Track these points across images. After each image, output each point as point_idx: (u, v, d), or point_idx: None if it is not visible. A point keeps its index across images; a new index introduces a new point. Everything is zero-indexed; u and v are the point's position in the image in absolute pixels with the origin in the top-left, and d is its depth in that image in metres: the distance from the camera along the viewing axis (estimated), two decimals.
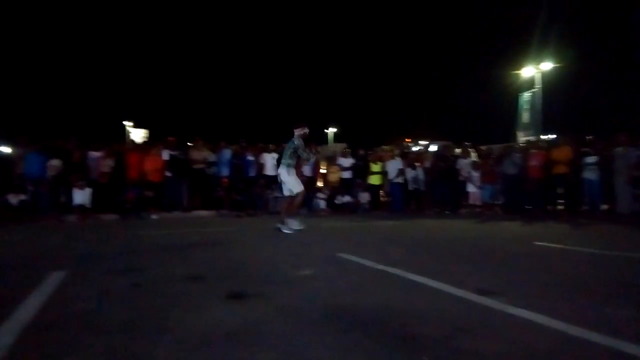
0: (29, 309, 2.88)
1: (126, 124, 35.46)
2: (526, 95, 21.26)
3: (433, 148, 18.03)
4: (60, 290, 3.42)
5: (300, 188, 7.28)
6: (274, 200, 12.70)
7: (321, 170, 14.08)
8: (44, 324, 2.61)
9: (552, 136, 17.36)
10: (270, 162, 12.82)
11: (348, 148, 15.34)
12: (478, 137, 18.36)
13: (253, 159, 12.90)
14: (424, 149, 17.79)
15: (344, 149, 15.13)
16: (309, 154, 7.65)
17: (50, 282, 3.64)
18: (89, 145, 12.05)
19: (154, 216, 11.20)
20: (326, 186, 13.71)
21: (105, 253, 5.53)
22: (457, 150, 14.17)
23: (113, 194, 11.38)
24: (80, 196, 10.83)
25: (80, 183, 10.84)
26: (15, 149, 11.30)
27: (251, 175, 12.74)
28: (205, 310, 2.86)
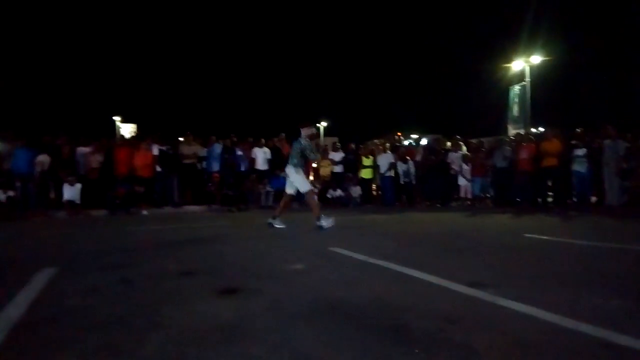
0: (18, 306, 2.85)
1: (115, 118, 35.16)
2: (516, 88, 21.36)
3: (424, 141, 18.09)
4: (50, 287, 3.39)
5: (308, 187, 7.20)
6: (265, 195, 12.69)
7: (313, 165, 14.07)
8: (34, 321, 2.58)
9: (542, 129, 17.49)
10: (261, 157, 12.80)
11: (339, 142, 15.34)
12: (468, 131, 18.46)
13: (244, 154, 12.87)
14: (415, 143, 17.82)
15: (334, 143, 15.14)
16: (316, 154, 7.54)
17: (40, 279, 3.60)
18: (77, 141, 11.95)
19: (145, 212, 11.13)
20: (317, 180, 13.71)
21: (95, 249, 5.49)
22: (448, 143, 14.23)
23: (103, 189, 11.29)
24: (70, 192, 10.74)
25: (70, 179, 10.74)
26: (2, 144, 11.16)
27: (242, 169, 12.71)
28: (197, 305, 2.85)
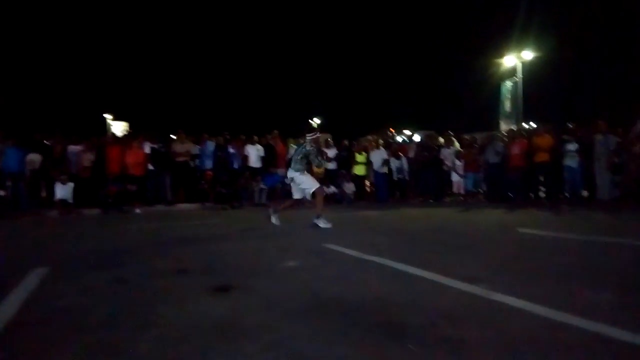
0: (10, 306, 2.83)
1: (107, 116, 34.87)
2: (508, 84, 21.43)
3: (417, 138, 18.12)
4: (42, 287, 3.36)
5: (316, 185, 7.08)
6: (258, 193, 12.67)
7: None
8: (26, 321, 2.57)
9: (534, 125, 17.57)
10: (254, 154, 12.76)
11: (332, 139, 15.31)
12: (461, 127, 18.49)
13: (237, 151, 12.82)
14: (408, 139, 17.86)
15: (327, 140, 15.11)
16: (320, 161, 7.37)
17: (32, 279, 3.58)
18: (69, 139, 11.86)
19: (137, 210, 11.08)
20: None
21: (87, 248, 5.45)
22: (441, 139, 14.25)
23: (95, 188, 11.22)
24: (62, 191, 10.66)
25: (61, 177, 10.66)
26: None
27: (235, 167, 12.67)
28: (190, 303, 2.84)
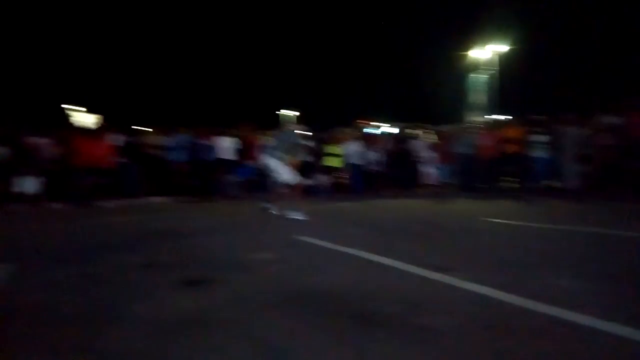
0: None
1: (77, 108, 33.97)
2: (478, 76, 21.79)
3: (391, 130, 18.27)
4: (8, 283, 3.27)
5: (291, 176, 7.08)
6: (232, 185, 12.57)
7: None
8: None
9: (504, 116, 17.92)
10: (227, 146, 12.63)
11: (307, 131, 15.28)
12: (434, 118, 18.68)
13: (210, 143, 12.66)
14: (382, 131, 17.99)
15: (303, 131, 15.07)
16: (304, 154, 7.53)
17: None
18: (38, 132, 11.51)
19: (108, 204, 10.85)
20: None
21: (56, 243, 5.32)
22: (414, 131, 14.40)
23: (64, 181, 10.94)
24: (30, 184, 10.35)
25: (30, 171, 10.35)
26: None
27: (208, 159, 12.51)
28: (160, 298, 2.81)
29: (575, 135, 10.56)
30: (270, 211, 7.10)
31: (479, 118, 18.14)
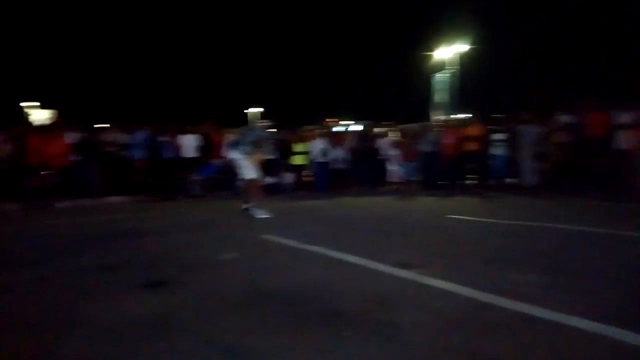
0: None
1: (27, 104, 32.50)
2: (440, 75, 22.19)
3: (355, 128, 18.36)
4: None
5: (253, 175, 6.95)
6: (194, 184, 12.33)
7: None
8: None
9: (465, 115, 18.32)
10: (189, 144, 12.36)
11: (273, 127, 15.17)
12: (397, 117, 18.92)
13: (170, 141, 12.35)
14: (346, 129, 18.08)
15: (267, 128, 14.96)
16: (270, 148, 7.47)
17: None
18: None
19: (60, 204, 10.42)
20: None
21: (6, 245, 5.07)
22: (378, 129, 14.54)
23: (13, 180, 10.44)
24: None
25: None
26: None
27: (168, 157, 12.21)
28: (119, 301, 2.70)
29: (533, 134, 10.91)
30: (251, 212, 6.84)
31: (442, 116, 18.48)
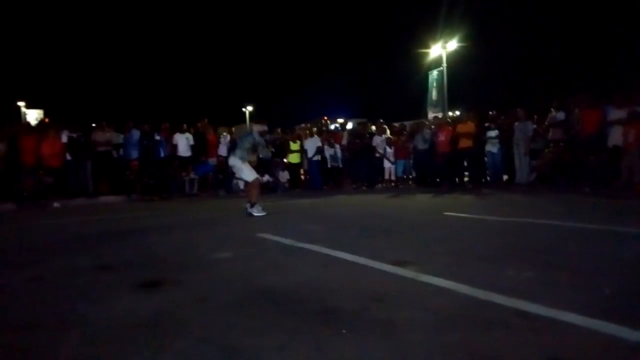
0: None
1: (20, 104, 32.26)
2: (434, 73, 22.19)
3: (349, 126, 18.37)
4: None
5: (254, 176, 7.06)
6: (189, 183, 12.30)
7: None
8: None
9: (458, 112, 18.36)
10: (184, 143, 12.32)
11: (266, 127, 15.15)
12: (391, 115, 18.99)
13: (164, 140, 12.30)
14: (341, 127, 18.06)
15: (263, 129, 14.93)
16: (267, 152, 7.55)
17: None
18: None
19: (56, 204, 10.38)
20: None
21: (5, 246, 5.06)
22: (373, 127, 14.55)
23: (8, 181, 10.39)
24: None
25: None
26: None
27: (163, 156, 12.16)
28: (115, 301, 2.69)
29: (525, 130, 10.96)
30: (249, 211, 6.81)
31: (437, 114, 18.50)
